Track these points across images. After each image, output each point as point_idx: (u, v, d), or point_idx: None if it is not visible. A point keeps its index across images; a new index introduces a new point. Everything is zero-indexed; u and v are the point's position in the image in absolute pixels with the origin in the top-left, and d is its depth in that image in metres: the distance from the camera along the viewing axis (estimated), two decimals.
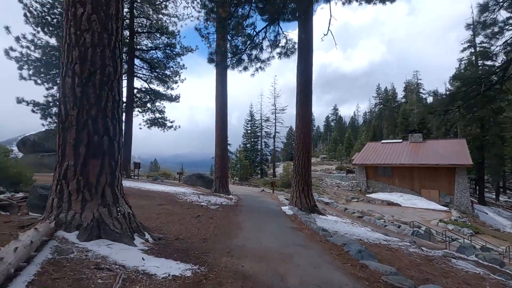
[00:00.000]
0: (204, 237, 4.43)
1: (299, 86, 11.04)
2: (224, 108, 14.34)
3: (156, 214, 6.20)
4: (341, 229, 8.28)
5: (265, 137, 39.54)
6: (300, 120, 11.27)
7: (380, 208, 23.67)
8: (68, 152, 3.51)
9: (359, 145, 49.85)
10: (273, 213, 8.55)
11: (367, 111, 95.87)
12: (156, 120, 21.41)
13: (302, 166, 11.05)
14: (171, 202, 8.66)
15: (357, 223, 10.54)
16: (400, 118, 51.73)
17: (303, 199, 10.88)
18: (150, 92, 20.93)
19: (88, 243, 3.20)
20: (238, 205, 10.14)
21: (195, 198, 10.66)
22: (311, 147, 11.72)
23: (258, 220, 6.76)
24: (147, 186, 12.76)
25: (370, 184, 31.15)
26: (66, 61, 3.65)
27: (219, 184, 14.14)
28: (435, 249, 8.09)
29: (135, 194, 9.41)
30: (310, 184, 11.20)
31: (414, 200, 26.82)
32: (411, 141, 32.83)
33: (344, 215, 12.87)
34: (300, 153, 11.14)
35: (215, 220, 6.15)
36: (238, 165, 32.80)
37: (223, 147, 14.44)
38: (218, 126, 14.34)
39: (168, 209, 7.20)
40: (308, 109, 11.36)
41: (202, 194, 12.48)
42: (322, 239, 4.80)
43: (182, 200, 9.57)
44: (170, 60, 21.09)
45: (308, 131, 11.33)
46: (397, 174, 29.58)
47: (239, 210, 8.51)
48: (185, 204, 8.69)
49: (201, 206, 8.46)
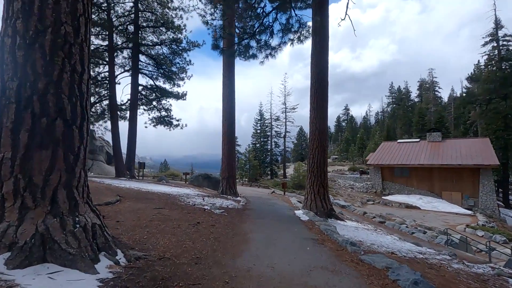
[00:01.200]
0: (198, 255, 3.37)
1: (314, 76, 9.91)
2: (231, 102, 13.32)
3: (147, 221, 5.20)
4: (365, 238, 7.10)
5: (275, 136, 38.37)
6: (315, 115, 10.12)
7: (399, 211, 22.16)
8: (4, 139, 2.51)
9: (372, 145, 48.03)
10: (286, 219, 7.43)
11: (379, 111, 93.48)
12: (162, 119, 20.61)
13: (318, 165, 9.90)
14: (171, 205, 7.67)
15: (380, 229, 9.31)
16: (415, 117, 49.60)
17: (318, 202, 9.73)
18: (155, 89, 20.17)
19: (21, 271, 2.19)
20: (246, 209, 9.06)
21: (198, 200, 9.66)
22: (327, 144, 10.55)
23: (268, 229, 5.66)
24: (149, 187, 11.87)
25: (386, 186, 29.55)
26: (5, 15, 2.66)
27: (226, 185, 13.11)
28: (479, 263, 6.81)
29: (133, 196, 8.48)
30: (326, 186, 10.04)
31: (435, 203, 25.14)
32: (429, 140, 31.06)
33: (364, 220, 11.63)
34: (315, 150, 9.99)
35: (217, 229, 5.09)
36: (247, 165, 31.73)
37: (230, 145, 13.41)
38: (225, 122, 13.33)
39: (165, 214, 6.20)
40: (324, 102, 10.20)
41: (208, 196, 11.48)
42: (353, 257, 3.67)
43: (184, 203, 8.58)
44: (176, 56, 20.28)
45: (324, 127, 10.17)
46: (416, 175, 27.91)
47: (247, 215, 7.43)
48: (186, 207, 7.68)
49: (204, 210, 7.43)
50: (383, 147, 33.34)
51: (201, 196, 11.30)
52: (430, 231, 12.81)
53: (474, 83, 45.32)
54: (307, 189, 10.12)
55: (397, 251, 6.17)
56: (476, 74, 51.33)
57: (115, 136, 16.49)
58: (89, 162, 24.00)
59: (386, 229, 10.14)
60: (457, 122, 50.29)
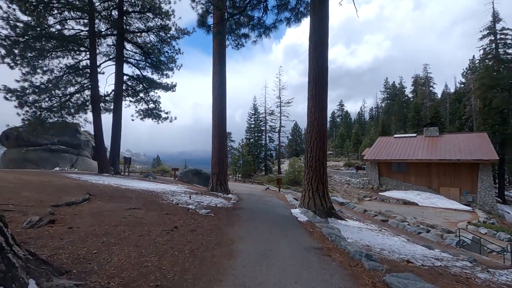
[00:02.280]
0: (159, 282, 2.38)
1: (313, 60, 8.93)
2: (222, 91, 12.27)
3: (111, 227, 4.18)
4: (372, 242, 6.20)
5: (270, 131, 37.31)
6: (313, 103, 9.16)
7: (397, 208, 21.47)
8: None
9: (368, 140, 47.48)
10: (282, 221, 6.47)
11: (373, 107, 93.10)
12: (150, 111, 19.41)
13: (316, 159, 8.95)
14: (149, 205, 6.65)
15: (385, 230, 8.43)
16: (411, 112, 49.12)
17: (317, 200, 8.81)
18: (142, 79, 18.94)
19: None
20: (237, 208, 8.08)
21: (184, 198, 8.65)
22: (327, 135, 9.62)
23: (261, 235, 4.68)
24: (131, 184, 10.80)
25: (383, 182, 28.90)
26: None
27: (216, 182, 12.11)
28: (499, 269, 5.98)
29: (107, 194, 7.42)
30: (326, 182, 9.12)
31: (433, 199, 24.53)
32: (427, 135, 30.46)
33: (366, 218, 10.77)
34: (313, 143, 9.04)
35: (197, 236, 4.10)
36: (241, 160, 30.67)
37: (221, 138, 12.38)
38: (215, 112, 12.28)
39: (137, 216, 5.18)
40: (323, 89, 9.23)
41: (196, 193, 10.48)
42: (374, 279, 2.72)
43: (166, 201, 7.56)
44: (165, 45, 19.04)
45: (323, 116, 9.21)
46: (413, 170, 27.27)
47: (237, 216, 6.45)
48: (167, 207, 6.67)
49: (187, 211, 6.43)
50: (380, 142, 32.65)
51: (188, 193, 10.29)
52: (434, 230, 12.03)
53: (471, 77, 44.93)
54: (304, 186, 9.18)
55: (411, 257, 5.28)
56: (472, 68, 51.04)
57: (97, 129, 15.28)
58: (73, 158, 22.73)
59: (390, 228, 9.29)
60: (453, 117, 49.94)
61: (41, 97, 14.80)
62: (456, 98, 51.23)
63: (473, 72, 49.67)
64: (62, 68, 15.60)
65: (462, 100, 49.01)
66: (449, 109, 51.91)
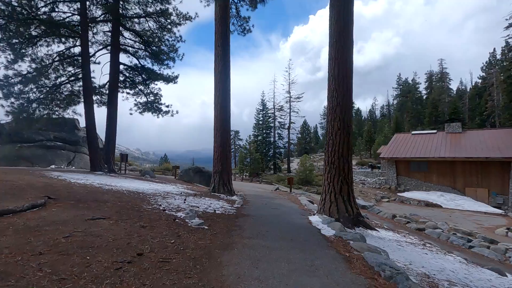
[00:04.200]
0: None
1: (334, 20, 7.23)
2: (225, 78, 10.62)
3: (33, 254, 2.56)
4: (427, 266, 4.44)
5: (279, 128, 35.40)
6: (335, 85, 7.42)
7: (420, 210, 19.43)
8: None
9: (382, 138, 45.11)
10: (302, 236, 4.76)
11: (384, 105, 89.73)
12: (149, 104, 17.92)
13: (340, 154, 7.22)
14: (125, 213, 5.05)
15: (429, 244, 6.62)
16: (429, 108, 46.51)
17: (341, 205, 7.07)
18: (141, 70, 17.45)
19: None
20: (241, 215, 6.40)
21: (177, 202, 7.04)
22: (352, 124, 7.84)
23: (275, 268, 2.98)
24: (120, 184, 9.27)
25: (401, 181, 26.79)
26: None
27: (218, 181, 10.46)
28: None
29: (75, 198, 5.84)
30: (351, 182, 7.38)
31: (458, 200, 22.35)
32: (448, 132, 28.15)
33: (397, 226, 8.95)
34: (335, 134, 7.31)
35: (166, 277, 2.43)
36: (248, 158, 28.95)
37: (224, 131, 10.72)
38: (218, 101, 10.65)
39: (93, 232, 3.57)
40: (347, 63, 7.49)
41: (194, 195, 8.86)
42: None
43: (151, 207, 5.95)
44: (165, 32, 17.50)
45: (347, 101, 7.47)
46: (435, 169, 25.08)
47: (239, 229, 4.76)
48: (148, 216, 5.05)
49: (173, 221, 4.79)
50: (397, 139, 30.47)
51: (184, 195, 8.68)
52: (476, 240, 10.11)
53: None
54: (324, 187, 7.45)
55: None
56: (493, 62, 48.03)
57: (89, 122, 13.84)
58: (70, 155, 21.48)
59: (432, 240, 7.46)
60: (473, 113, 47.09)
61: (28, 87, 13.44)
62: (476, 93, 48.33)
63: (495, 66, 46.75)
64: (51, 56, 14.21)
65: (482, 95, 46.15)
66: (469, 104, 49.02)
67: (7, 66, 12.75)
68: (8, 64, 13.00)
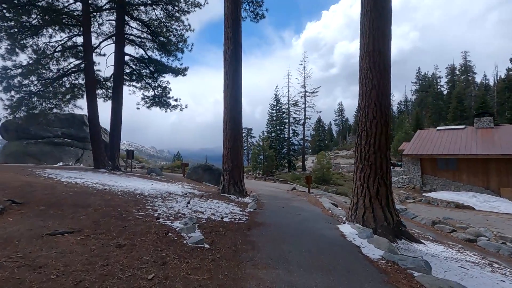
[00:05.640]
0: None
1: None
2: (235, 62, 9.37)
3: None
4: None
5: (293, 124, 33.87)
6: (370, 60, 6.04)
7: (450, 212, 17.58)
8: None
9: (402, 134, 42.69)
10: (337, 259, 3.46)
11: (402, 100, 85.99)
12: (157, 98, 16.95)
13: (376, 148, 5.84)
14: (106, 222, 3.91)
15: (495, 262, 5.15)
16: (453, 102, 43.69)
17: (378, 211, 5.70)
18: (148, 61, 16.47)
19: None
20: (254, 224, 5.15)
21: (178, 205, 5.86)
22: (391, 113, 6.40)
23: None
24: (118, 183, 8.24)
25: (426, 181, 24.79)
26: None
27: (229, 180, 9.25)
28: None
29: (50, 201, 4.75)
30: (390, 183, 5.98)
31: (493, 202, 20.26)
32: (478, 127, 25.83)
33: (441, 236, 7.45)
34: (370, 124, 5.93)
35: None
36: (261, 155, 27.64)
37: (234, 124, 9.47)
38: (227, 90, 9.41)
39: (36, 260, 2.40)
40: (384, 36, 6.10)
41: (201, 197, 7.68)
42: None
43: (144, 213, 4.80)
44: (173, 21, 16.43)
45: (386, 82, 6.06)
46: (466, 167, 22.96)
47: (252, 249, 3.50)
48: (134, 227, 3.88)
49: (164, 236, 3.60)
50: (420, 135, 28.36)
51: (189, 196, 7.52)
52: None
53: None
54: (356, 189, 6.08)
55: None
56: None
57: (92, 116, 12.92)
58: (79, 152, 20.87)
59: (490, 254, 5.96)
60: (502, 107, 43.90)
61: (28, 80, 12.67)
62: (505, 86, 45.01)
63: None
64: (53, 46, 13.40)
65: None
66: (497, 98, 45.77)
67: (4, 57, 11.98)
68: (6, 54, 12.26)
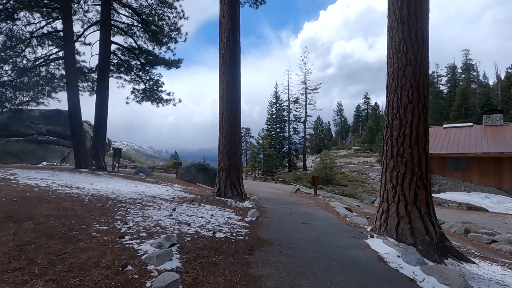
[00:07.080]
0: None
1: None
2: (233, 44, 8.06)
3: None
4: None
5: (294, 122, 32.55)
6: (404, 30, 4.75)
7: (464, 214, 16.34)
8: None
9: None
10: None
11: None
12: (148, 91, 15.62)
13: (414, 140, 4.57)
14: (38, 247, 2.57)
15: None
16: (458, 100, 42.67)
17: (417, 221, 4.43)
18: (138, 52, 15.12)
19: None
20: (257, 243, 3.84)
21: (160, 214, 4.54)
22: (428, 98, 5.08)
23: None
24: (93, 185, 6.92)
25: (434, 181, 23.57)
26: None
27: (225, 181, 7.93)
28: None
29: None
30: (429, 185, 4.69)
31: (508, 203, 19.06)
32: (487, 124, 24.69)
33: (483, 249, 6.22)
34: (404, 109, 4.67)
35: None
36: (261, 154, 26.33)
37: (232, 116, 8.16)
38: (223, 78, 8.12)
39: None
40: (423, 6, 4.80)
41: (191, 201, 6.36)
42: None
43: (107, 227, 3.48)
44: (166, 7, 15.10)
45: (424, 56, 4.77)
46: (477, 167, 21.77)
47: (254, 281, 2.16)
48: (78, 255, 2.55)
49: (119, 272, 2.28)
50: None
51: (177, 201, 6.19)
52: None
53: None
54: (386, 192, 4.78)
55: None
56: None
57: (73, 109, 11.55)
58: (65, 150, 19.46)
59: None
60: (506, 105, 42.93)
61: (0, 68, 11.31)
62: (510, 84, 44.04)
63: None
64: (30, 32, 12.04)
65: None
66: (502, 96, 44.80)
67: None
68: None
